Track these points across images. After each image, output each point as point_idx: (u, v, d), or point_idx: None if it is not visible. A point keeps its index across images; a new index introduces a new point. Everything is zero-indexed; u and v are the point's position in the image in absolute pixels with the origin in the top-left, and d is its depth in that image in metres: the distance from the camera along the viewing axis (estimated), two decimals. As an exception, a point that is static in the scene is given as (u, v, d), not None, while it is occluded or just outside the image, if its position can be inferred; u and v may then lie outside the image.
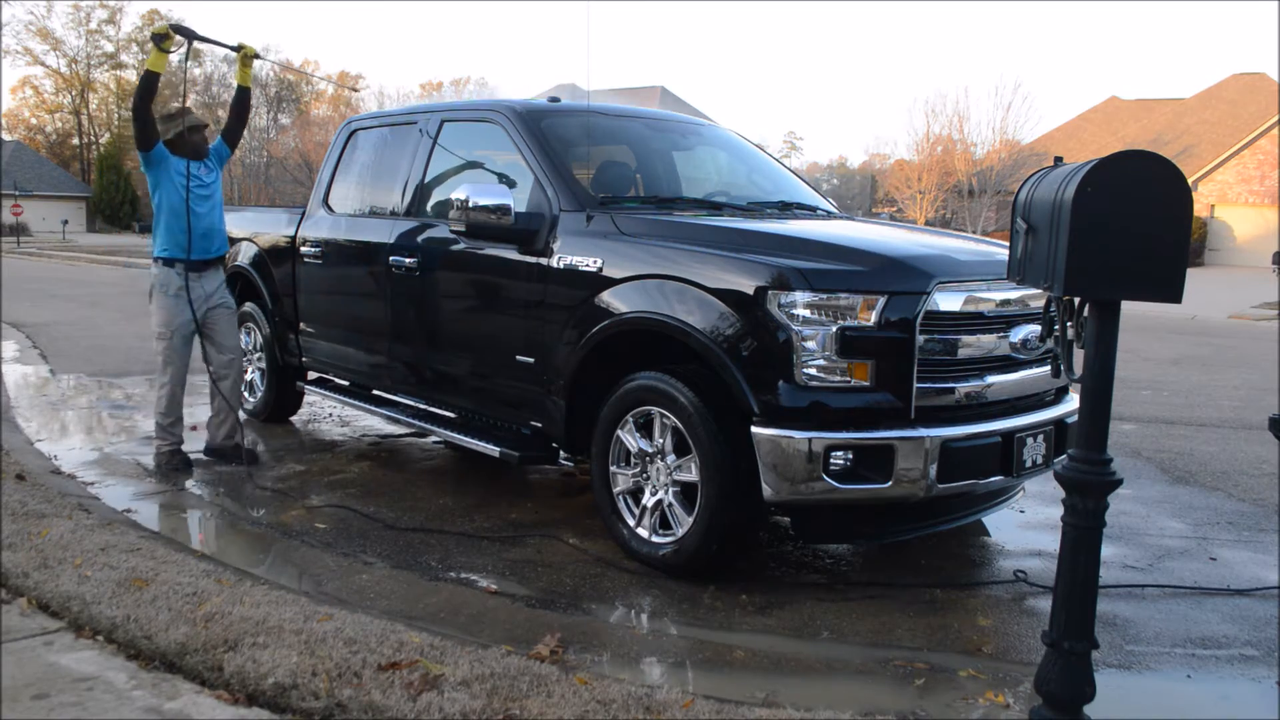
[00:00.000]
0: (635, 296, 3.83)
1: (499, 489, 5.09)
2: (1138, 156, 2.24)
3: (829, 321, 3.38)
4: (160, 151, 5.11)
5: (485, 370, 4.63)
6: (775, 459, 3.39)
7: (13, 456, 5.18)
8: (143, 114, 5.02)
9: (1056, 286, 2.30)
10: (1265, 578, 4.00)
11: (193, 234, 5.16)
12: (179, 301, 5.19)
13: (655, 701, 2.63)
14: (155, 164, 5.12)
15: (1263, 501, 5.18)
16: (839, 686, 2.99)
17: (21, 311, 13.05)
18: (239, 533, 4.39)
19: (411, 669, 2.71)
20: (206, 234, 5.24)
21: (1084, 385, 2.37)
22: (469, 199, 4.20)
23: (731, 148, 5.60)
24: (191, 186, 5.16)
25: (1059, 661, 2.40)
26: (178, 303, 5.19)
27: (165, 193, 5.16)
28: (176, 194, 5.15)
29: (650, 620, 3.47)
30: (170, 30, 4.97)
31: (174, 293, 5.18)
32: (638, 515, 3.91)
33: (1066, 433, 3.91)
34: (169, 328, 5.21)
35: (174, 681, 2.69)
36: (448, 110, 5.31)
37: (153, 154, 5.10)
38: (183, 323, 5.22)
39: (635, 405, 3.83)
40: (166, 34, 4.94)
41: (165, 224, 5.19)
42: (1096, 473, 2.34)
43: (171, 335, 5.21)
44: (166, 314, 5.21)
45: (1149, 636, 3.41)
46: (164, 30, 4.95)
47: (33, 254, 32.97)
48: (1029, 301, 3.78)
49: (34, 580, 3.29)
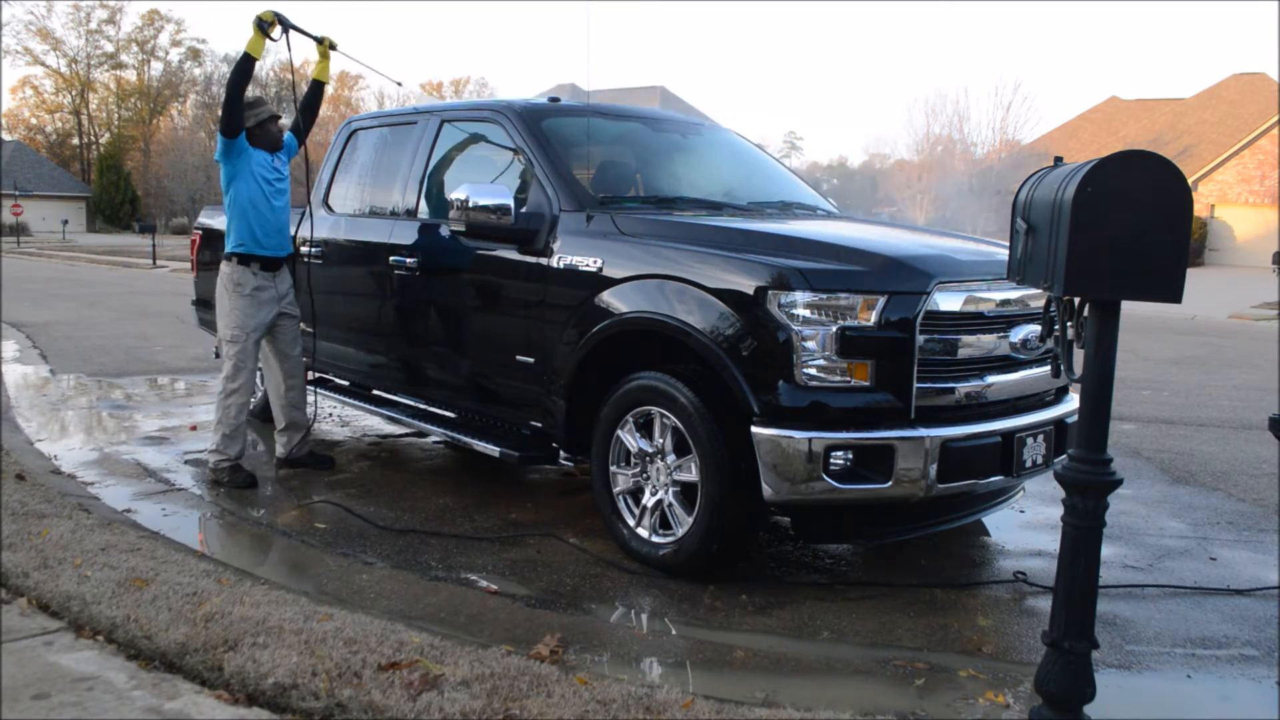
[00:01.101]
0: (635, 296, 3.83)
1: (499, 489, 5.09)
2: (1138, 156, 2.24)
3: (829, 321, 3.38)
4: (243, 141, 4.91)
5: (485, 370, 4.63)
6: (775, 459, 3.39)
7: (13, 456, 5.18)
8: (236, 98, 4.80)
9: (1056, 286, 2.30)
10: (1265, 578, 4.00)
11: (269, 230, 4.96)
12: (255, 301, 4.96)
13: (655, 701, 2.63)
14: (236, 154, 4.90)
15: (1263, 501, 5.18)
16: (839, 686, 2.99)
17: (21, 311, 13.05)
18: (239, 533, 4.39)
19: (411, 669, 2.71)
20: (281, 230, 5.05)
21: (1084, 385, 2.37)
22: (469, 199, 4.20)
23: (731, 148, 5.60)
24: (272, 179, 4.99)
25: (1059, 661, 2.40)
26: (254, 303, 4.96)
27: (244, 185, 4.92)
28: (255, 187, 4.93)
29: (650, 620, 3.47)
30: (274, 16, 4.83)
31: (250, 292, 4.95)
32: (638, 515, 3.91)
33: (1066, 433, 3.91)
34: (244, 329, 4.94)
35: (174, 681, 2.69)
36: (448, 110, 5.31)
37: (237, 142, 4.88)
38: (259, 325, 4.99)
39: (635, 405, 3.83)
40: (272, 21, 4.81)
41: (243, 218, 4.94)
42: (1096, 473, 2.34)
43: (246, 338, 4.95)
44: (242, 315, 4.94)
45: (1149, 636, 3.41)
46: (269, 16, 4.81)
47: (33, 254, 32.98)
48: (1029, 301, 3.78)
49: (34, 580, 3.29)
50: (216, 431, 4.97)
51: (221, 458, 4.96)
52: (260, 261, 4.97)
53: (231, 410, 4.95)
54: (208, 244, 6.87)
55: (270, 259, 5.01)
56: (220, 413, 4.96)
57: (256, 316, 4.98)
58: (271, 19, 4.83)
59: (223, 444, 4.96)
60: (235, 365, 4.95)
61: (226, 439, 4.95)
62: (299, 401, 5.27)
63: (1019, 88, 69.64)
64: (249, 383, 5.01)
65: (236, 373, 4.95)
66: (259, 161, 4.96)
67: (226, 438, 4.95)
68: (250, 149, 4.95)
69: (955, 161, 40.24)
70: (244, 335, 4.95)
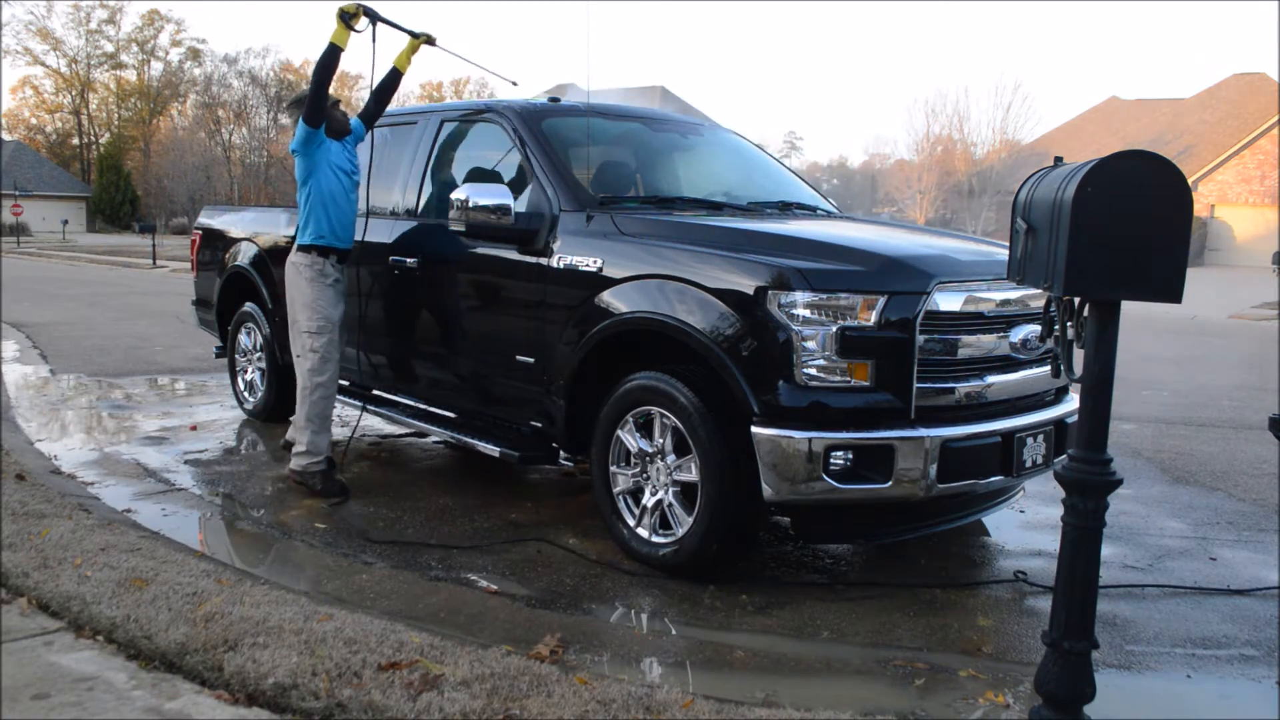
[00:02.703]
0: (635, 296, 3.83)
1: (499, 489, 5.09)
2: (1138, 156, 2.24)
3: (829, 321, 3.38)
4: (323, 132, 4.78)
5: (485, 370, 4.63)
6: (775, 459, 3.39)
7: (13, 456, 5.18)
8: (322, 87, 4.70)
9: (1056, 286, 2.30)
10: (1265, 578, 4.00)
11: (345, 223, 4.87)
12: (337, 293, 4.85)
13: (655, 701, 2.63)
14: (316, 145, 4.77)
15: (1263, 501, 5.18)
16: (839, 686, 2.99)
17: (21, 311, 13.05)
18: (239, 533, 4.39)
19: (411, 669, 2.71)
20: (353, 224, 4.95)
21: (1084, 385, 2.37)
22: (469, 199, 4.21)
23: (731, 147, 5.60)
24: (349, 170, 4.90)
25: (1059, 661, 2.40)
26: (336, 294, 4.84)
27: (324, 177, 4.79)
28: (334, 179, 4.81)
29: (650, 620, 3.47)
30: (358, 8, 4.73)
31: (331, 283, 4.83)
32: (638, 515, 3.90)
33: (1066, 433, 3.91)
34: (330, 320, 4.80)
35: (174, 681, 2.69)
36: (448, 110, 5.31)
37: (318, 133, 4.75)
38: (341, 315, 4.87)
39: (635, 405, 3.83)
40: (355, 13, 4.73)
41: (323, 211, 4.79)
42: (1096, 473, 2.34)
43: (334, 328, 4.81)
44: (328, 305, 4.80)
45: (1149, 636, 3.41)
46: (353, 8, 4.71)
47: (33, 254, 32.98)
48: (1029, 301, 3.78)
49: (34, 580, 3.29)
50: (304, 431, 4.79)
51: (312, 460, 4.80)
52: (338, 254, 4.86)
53: (320, 404, 4.80)
54: (208, 244, 6.87)
55: (345, 252, 4.91)
56: (308, 409, 4.78)
57: (339, 307, 4.88)
58: (355, 10, 4.72)
59: (312, 443, 4.79)
60: (322, 357, 4.78)
61: (316, 436, 4.79)
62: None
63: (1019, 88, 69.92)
64: (335, 374, 4.89)
65: (324, 365, 4.80)
66: (335, 153, 4.85)
67: (316, 434, 4.79)
68: (328, 140, 4.83)
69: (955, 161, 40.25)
70: (330, 325, 4.81)
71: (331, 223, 4.82)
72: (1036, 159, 35.30)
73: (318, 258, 4.81)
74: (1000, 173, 37.63)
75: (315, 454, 4.81)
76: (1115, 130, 43.77)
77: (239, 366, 6.60)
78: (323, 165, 4.82)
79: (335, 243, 4.84)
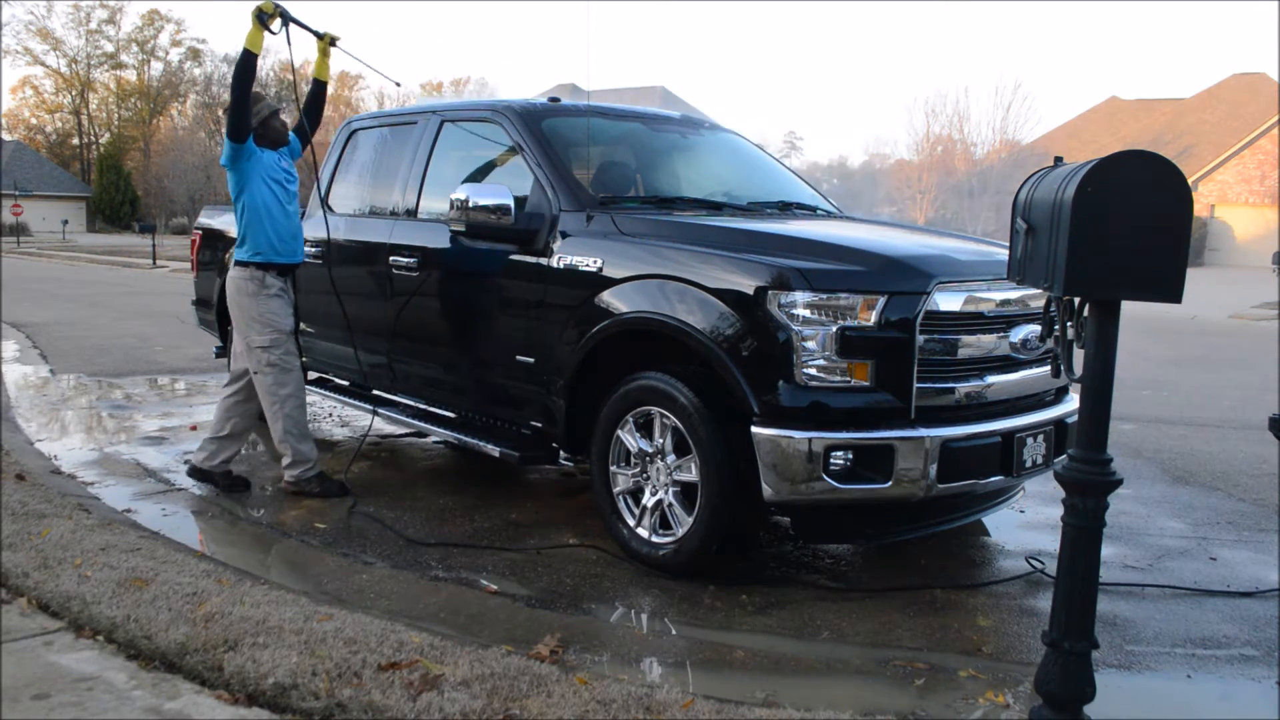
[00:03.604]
0: (635, 296, 3.83)
1: (499, 489, 5.09)
2: (1138, 156, 2.24)
3: (829, 321, 3.38)
4: (252, 144, 4.63)
5: (485, 370, 4.63)
6: (775, 459, 3.39)
7: (13, 456, 5.18)
8: (242, 99, 4.52)
9: (1056, 286, 2.30)
10: (1265, 578, 4.00)
11: (285, 235, 4.73)
12: (284, 302, 4.75)
13: (655, 701, 2.63)
14: (245, 157, 4.62)
15: (1263, 501, 5.18)
16: (839, 686, 2.99)
17: (21, 311, 13.06)
18: (239, 533, 4.39)
19: (411, 669, 2.71)
20: (295, 236, 4.80)
21: (1084, 385, 2.37)
22: (469, 199, 4.21)
23: (731, 147, 5.60)
24: (283, 180, 4.75)
25: (1059, 661, 2.40)
26: (282, 303, 4.74)
27: (257, 190, 4.66)
28: (268, 191, 4.67)
29: (650, 620, 3.47)
30: (275, 8, 4.57)
31: (276, 292, 4.71)
32: (638, 515, 3.90)
33: (1066, 433, 3.91)
34: (282, 331, 4.71)
35: (174, 681, 2.69)
36: (448, 110, 5.31)
37: (246, 146, 4.60)
38: (291, 323, 4.78)
39: (635, 405, 3.83)
40: (273, 13, 4.55)
41: (258, 225, 4.67)
42: (1096, 473, 2.34)
43: (286, 337, 4.72)
44: (275, 317, 4.70)
45: (1149, 636, 3.41)
46: (270, 8, 4.54)
47: (33, 254, 32.99)
48: (1029, 301, 3.78)
49: (34, 580, 3.29)
50: (284, 444, 4.72)
51: (304, 467, 4.74)
52: (277, 269, 4.74)
53: (293, 414, 4.71)
54: (208, 244, 6.87)
55: (286, 266, 4.79)
56: (282, 423, 4.70)
57: (289, 318, 4.78)
58: (272, 10, 4.57)
59: (297, 452, 4.73)
60: (282, 369, 4.69)
61: (299, 444, 4.73)
62: (247, 413, 4.91)
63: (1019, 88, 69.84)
64: (300, 380, 4.78)
65: (286, 376, 4.71)
66: (268, 163, 4.72)
67: (299, 443, 4.73)
68: (259, 150, 4.70)
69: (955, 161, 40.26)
70: (283, 335, 4.71)
71: (270, 237, 4.68)
72: (1036, 159, 35.31)
73: (257, 271, 4.69)
74: (1000, 173, 37.61)
75: (304, 461, 4.76)
76: (1115, 130, 43.78)
77: (239, 366, 6.60)
78: (255, 178, 4.67)
79: (275, 258, 4.70)
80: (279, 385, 4.70)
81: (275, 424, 4.74)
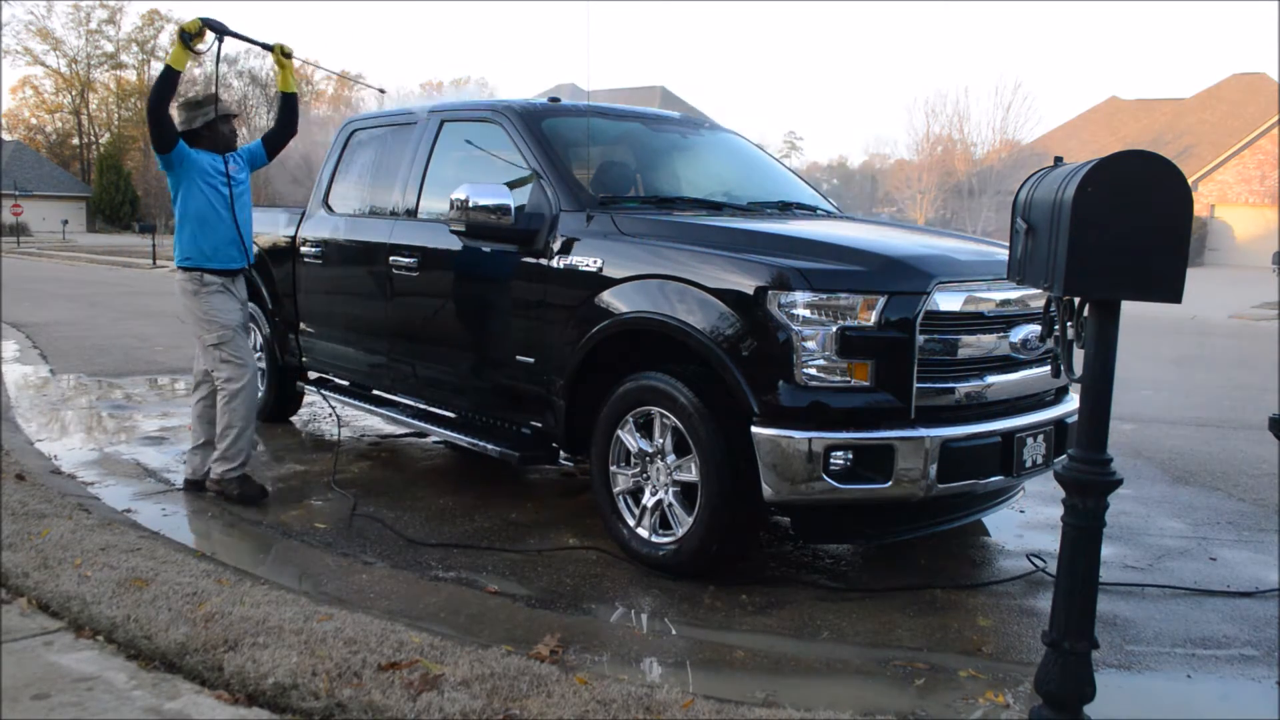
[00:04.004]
0: (635, 296, 3.83)
1: (499, 489, 5.09)
2: (1138, 156, 2.24)
3: (829, 321, 3.38)
4: (181, 150, 4.54)
5: (485, 370, 4.63)
6: (775, 459, 3.39)
7: (13, 456, 5.18)
8: (159, 114, 4.44)
9: (1056, 286, 2.30)
10: (1265, 578, 4.00)
11: (220, 241, 4.62)
12: (227, 296, 4.66)
13: (655, 701, 2.63)
14: (176, 164, 4.56)
15: (1263, 501, 5.18)
16: (839, 686, 2.99)
17: (21, 311, 13.05)
18: (239, 533, 4.39)
19: (411, 669, 2.71)
20: (234, 242, 4.67)
21: (1084, 385, 2.37)
22: (469, 199, 4.20)
23: (731, 147, 5.60)
24: (218, 185, 4.62)
25: (1059, 661, 2.40)
26: (225, 298, 4.65)
27: (189, 194, 4.59)
28: (202, 196, 4.59)
29: (650, 620, 3.47)
30: (202, 25, 4.42)
31: (217, 289, 4.63)
32: (638, 515, 3.90)
33: (1066, 433, 3.91)
34: (228, 325, 4.61)
35: (174, 681, 2.69)
36: (448, 110, 5.31)
37: (173, 154, 4.52)
38: (239, 318, 4.69)
39: (635, 405, 3.83)
40: (199, 31, 4.41)
41: (189, 230, 4.60)
42: (1096, 473, 2.34)
43: (234, 333, 4.63)
44: (219, 310, 4.61)
45: (1149, 636, 3.41)
46: (195, 26, 4.40)
47: (33, 254, 32.99)
48: (1029, 301, 3.78)
49: (34, 580, 3.29)
50: (225, 439, 4.65)
51: (229, 466, 4.66)
52: (211, 273, 4.64)
53: (239, 413, 4.65)
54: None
55: (223, 271, 4.67)
56: (228, 417, 4.63)
57: (235, 312, 4.69)
58: (197, 29, 4.41)
59: (231, 449, 4.65)
60: (236, 364, 4.62)
61: (237, 441, 4.65)
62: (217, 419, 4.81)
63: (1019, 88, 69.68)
64: (254, 376, 4.72)
65: (241, 371, 4.63)
66: (206, 167, 4.59)
67: (236, 440, 4.65)
68: (193, 154, 4.58)
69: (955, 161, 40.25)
70: (231, 331, 4.63)
71: (199, 243, 4.60)
72: (1036, 159, 35.29)
73: (194, 272, 4.62)
74: (1000, 173, 37.60)
75: (233, 460, 4.67)
76: (1115, 130, 43.77)
77: (239, 366, 6.60)
78: (188, 181, 4.59)
79: (204, 263, 4.61)
80: (234, 381, 4.65)
81: (223, 417, 4.68)
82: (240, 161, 4.83)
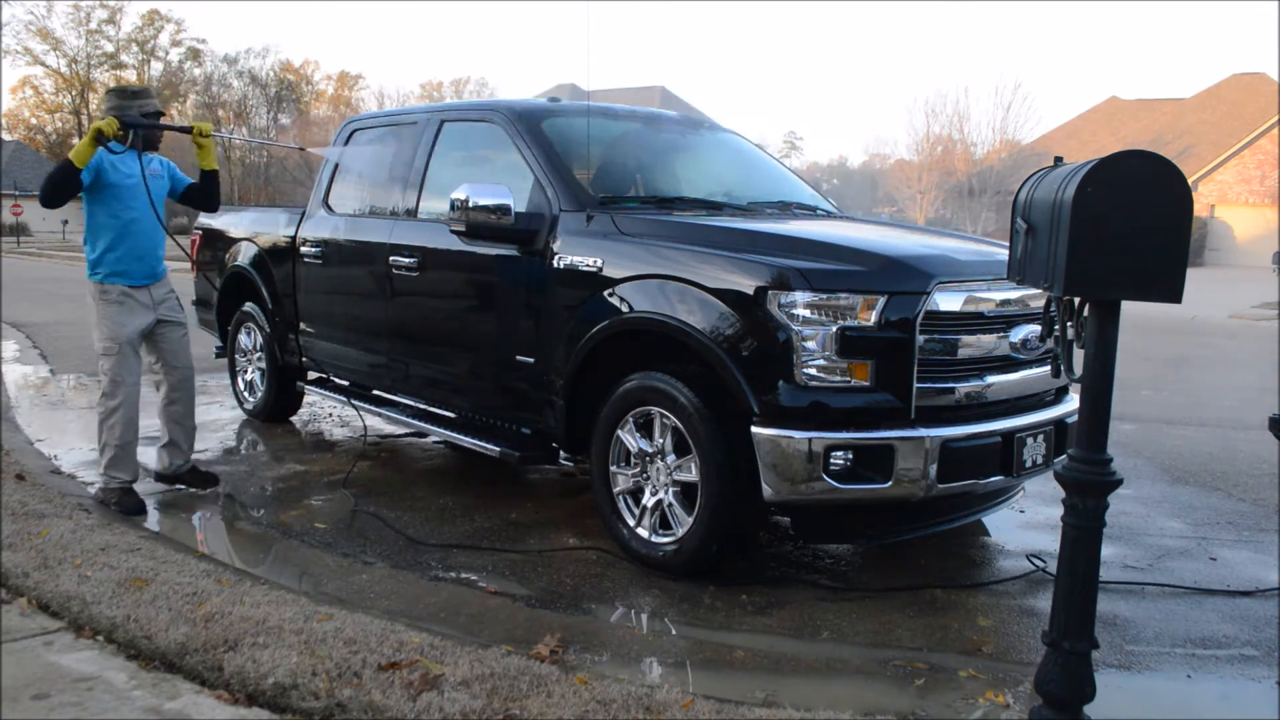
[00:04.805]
0: (635, 296, 3.83)
1: (499, 489, 5.09)
2: (1138, 156, 2.24)
3: (829, 321, 3.38)
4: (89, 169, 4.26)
5: (485, 370, 4.63)
6: (775, 459, 3.39)
7: (13, 456, 5.18)
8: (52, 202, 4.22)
9: (1056, 286, 2.30)
10: (1265, 578, 4.00)
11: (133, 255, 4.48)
12: (125, 308, 4.49)
13: (655, 701, 2.63)
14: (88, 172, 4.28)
15: (1263, 501, 5.18)
16: (839, 686, 2.99)
17: (21, 311, 13.05)
18: (239, 533, 4.39)
19: (411, 669, 2.71)
20: (140, 255, 4.51)
21: (1084, 385, 2.37)
22: (469, 199, 4.20)
23: (731, 147, 5.60)
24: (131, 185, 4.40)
25: (1059, 661, 2.40)
26: (123, 309, 4.49)
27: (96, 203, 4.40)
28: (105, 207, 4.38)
29: (650, 620, 3.47)
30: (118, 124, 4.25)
31: (117, 298, 4.47)
32: (638, 515, 3.90)
33: (1066, 433, 3.91)
34: (116, 339, 4.47)
35: (174, 681, 2.70)
36: (448, 110, 5.31)
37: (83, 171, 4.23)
38: (132, 333, 4.52)
39: (635, 405, 3.83)
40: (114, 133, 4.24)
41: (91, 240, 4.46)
42: (1096, 473, 2.34)
43: (120, 349, 4.48)
44: (111, 323, 4.47)
45: (1149, 636, 3.41)
46: (113, 128, 4.22)
47: (33, 254, 32.98)
48: (1029, 301, 3.78)
49: (34, 580, 3.29)
50: (103, 455, 4.51)
51: (110, 477, 4.52)
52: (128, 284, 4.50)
53: (116, 430, 4.48)
54: (208, 244, 6.87)
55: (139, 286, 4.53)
56: (105, 434, 4.50)
57: (129, 324, 4.50)
58: (114, 132, 4.23)
59: (111, 466, 4.50)
60: (112, 380, 4.48)
61: (114, 462, 4.50)
62: (183, 416, 4.79)
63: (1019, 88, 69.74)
64: (131, 398, 4.53)
65: (115, 388, 4.48)
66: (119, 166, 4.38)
67: (114, 460, 4.49)
68: (107, 156, 4.34)
69: (955, 161, 40.26)
70: (116, 346, 4.47)
71: (99, 253, 4.45)
72: (1036, 159, 35.29)
73: (100, 281, 4.49)
74: (1000, 173, 37.61)
75: (116, 474, 4.53)
76: (1115, 130, 43.76)
77: (239, 366, 6.61)
78: (96, 190, 4.37)
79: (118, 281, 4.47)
80: (108, 397, 4.51)
81: (100, 433, 4.55)
82: (162, 171, 4.66)
